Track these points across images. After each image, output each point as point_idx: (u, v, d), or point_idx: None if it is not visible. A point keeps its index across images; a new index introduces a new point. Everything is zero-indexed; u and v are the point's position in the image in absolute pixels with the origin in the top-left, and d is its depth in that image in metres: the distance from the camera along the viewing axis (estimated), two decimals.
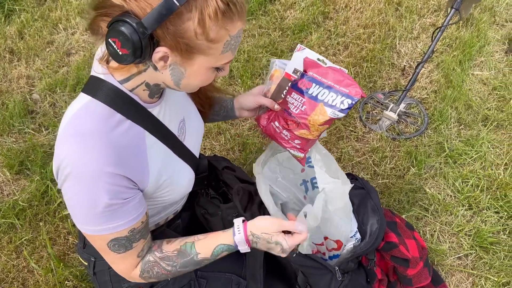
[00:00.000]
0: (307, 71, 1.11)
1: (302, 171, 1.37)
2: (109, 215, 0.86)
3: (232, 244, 1.00)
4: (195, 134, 1.13)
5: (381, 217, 1.29)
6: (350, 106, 1.07)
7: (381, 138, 1.97)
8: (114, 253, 0.94)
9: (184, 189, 1.06)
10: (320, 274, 1.27)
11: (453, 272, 1.58)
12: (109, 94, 0.85)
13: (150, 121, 0.93)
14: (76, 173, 0.82)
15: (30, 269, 1.53)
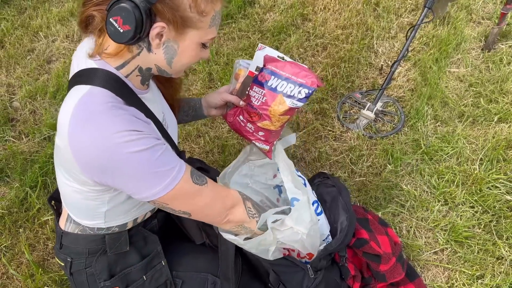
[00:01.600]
0: (266, 65, 1.16)
1: (274, 176, 1.39)
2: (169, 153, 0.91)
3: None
4: (173, 129, 1.18)
5: (350, 214, 1.31)
6: (308, 95, 1.12)
7: (358, 137, 1.99)
8: (205, 187, 0.98)
9: None
10: (291, 272, 1.29)
11: (429, 267, 1.61)
12: (107, 79, 0.88)
13: (143, 107, 0.96)
14: (112, 150, 0.83)
15: (10, 275, 1.54)
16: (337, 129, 2.04)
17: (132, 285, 1.21)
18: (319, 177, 1.46)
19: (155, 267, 1.23)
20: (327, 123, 2.06)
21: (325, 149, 1.95)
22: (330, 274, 1.37)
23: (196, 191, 0.96)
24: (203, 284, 1.31)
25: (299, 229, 1.09)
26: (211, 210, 1.03)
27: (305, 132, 2.01)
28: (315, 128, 2.03)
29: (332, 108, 2.13)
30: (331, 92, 2.19)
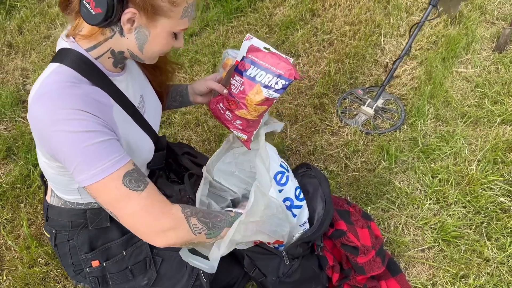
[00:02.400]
0: (247, 55, 1.19)
1: None
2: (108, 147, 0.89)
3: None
4: (153, 113, 1.21)
5: (327, 204, 1.33)
6: (285, 87, 1.14)
7: (355, 132, 2.00)
8: (137, 194, 0.90)
9: (143, 157, 1.13)
10: (267, 258, 1.31)
11: (414, 264, 1.60)
12: (75, 60, 0.93)
13: (112, 89, 1.00)
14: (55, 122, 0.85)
15: (8, 246, 1.63)
16: (335, 124, 2.05)
17: (112, 259, 1.26)
18: (302, 167, 1.48)
19: (135, 244, 1.28)
20: (325, 118, 2.07)
21: (321, 143, 1.97)
22: (308, 262, 1.39)
23: (123, 194, 0.88)
24: (182, 264, 1.35)
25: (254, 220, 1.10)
26: (140, 223, 0.91)
27: (302, 125, 2.03)
28: (312, 122, 2.05)
29: (332, 103, 2.14)
30: (333, 87, 2.20)
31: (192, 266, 1.35)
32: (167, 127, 2.05)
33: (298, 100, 2.14)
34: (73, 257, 1.28)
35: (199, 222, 1.00)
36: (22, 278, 1.54)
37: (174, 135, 2.01)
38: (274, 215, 1.19)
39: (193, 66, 2.32)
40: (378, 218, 1.72)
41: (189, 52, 2.38)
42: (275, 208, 1.21)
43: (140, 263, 1.30)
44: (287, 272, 1.33)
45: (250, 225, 1.12)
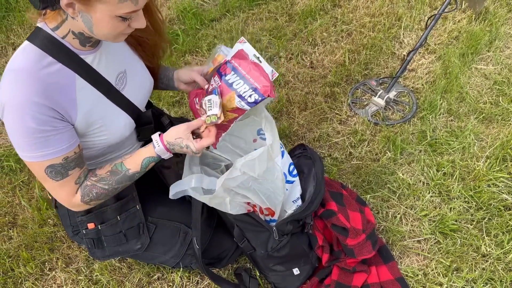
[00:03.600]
0: (231, 60, 1.20)
1: (254, 141, 1.46)
2: (43, 142, 1.01)
3: (155, 155, 1.16)
4: (138, 88, 1.26)
5: (318, 183, 1.35)
6: (257, 101, 1.14)
7: (364, 122, 2.00)
8: (52, 180, 1.09)
9: (119, 133, 1.19)
10: (256, 231, 1.36)
11: (408, 254, 1.60)
12: (43, 40, 1.00)
13: (81, 67, 1.06)
14: (8, 103, 0.97)
15: (22, 206, 1.75)
16: (344, 113, 2.06)
17: (107, 222, 1.34)
18: (299, 148, 1.51)
19: (130, 210, 1.35)
20: (335, 107, 2.09)
21: (327, 130, 1.98)
22: (298, 240, 1.43)
23: (41, 176, 1.08)
24: (176, 232, 1.42)
25: (250, 174, 1.14)
26: (55, 196, 1.17)
27: (311, 113, 2.05)
28: (322, 109, 2.07)
29: (344, 93, 2.15)
30: (346, 77, 2.21)
31: (185, 234, 1.41)
32: (180, 107, 2.11)
33: (310, 87, 2.16)
34: (71, 218, 1.37)
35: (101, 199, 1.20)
36: (32, 236, 1.64)
37: (186, 115, 2.08)
38: (272, 180, 1.23)
39: (210, 50, 2.37)
40: (377, 206, 1.72)
41: (208, 37, 2.44)
42: (275, 175, 1.24)
43: (133, 228, 1.38)
44: (275, 247, 1.37)
45: (245, 177, 1.16)
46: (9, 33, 2.54)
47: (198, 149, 1.14)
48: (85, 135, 1.13)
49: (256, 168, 1.19)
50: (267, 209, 1.32)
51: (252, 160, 1.18)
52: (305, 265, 1.46)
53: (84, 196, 1.16)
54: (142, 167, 1.17)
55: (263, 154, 1.19)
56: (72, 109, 1.05)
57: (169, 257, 1.45)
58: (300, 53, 2.33)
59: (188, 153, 1.17)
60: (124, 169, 1.17)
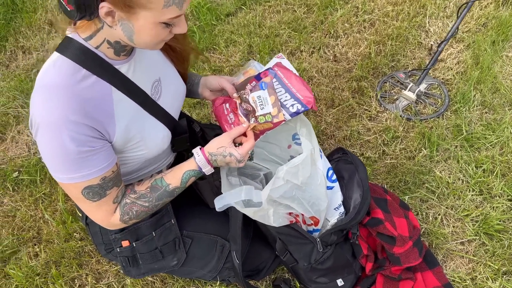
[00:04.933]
0: (273, 67, 1.18)
1: (289, 147, 1.38)
2: (80, 163, 0.94)
3: (196, 168, 1.10)
4: (173, 96, 1.18)
5: (364, 191, 1.28)
6: (298, 112, 1.12)
7: (395, 118, 1.92)
8: (90, 201, 1.02)
9: (158, 146, 1.11)
10: (300, 244, 1.29)
11: (452, 257, 1.53)
12: (75, 51, 0.92)
13: (116, 78, 0.98)
14: (43, 123, 0.90)
15: (45, 220, 1.68)
16: (374, 108, 1.97)
17: (142, 239, 1.27)
18: (338, 152, 1.43)
19: (165, 225, 1.28)
20: (363, 102, 2.00)
21: (358, 128, 1.90)
22: (342, 250, 1.36)
23: (78, 198, 1.01)
24: (212, 246, 1.35)
25: (293, 181, 1.09)
26: (92, 218, 1.10)
27: (339, 110, 1.97)
28: (350, 106, 1.98)
29: (372, 87, 2.06)
30: (373, 70, 2.11)
31: (222, 247, 1.35)
32: (201, 108, 2.03)
33: (335, 83, 2.07)
34: (104, 236, 1.30)
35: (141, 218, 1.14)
36: (58, 252, 1.57)
37: (208, 117, 2.00)
38: (315, 187, 1.18)
39: (228, 47, 2.28)
40: (416, 208, 1.65)
41: (225, 32, 2.34)
42: (319, 181, 1.19)
43: (169, 243, 1.31)
44: (319, 259, 1.30)
45: (289, 186, 1.11)
46: (18, 36, 2.44)
47: (242, 154, 1.10)
48: (123, 151, 1.05)
49: (299, 175, 1.14)
50: (312, 218, 1.25)
51: (295, 167, 1.13)
52: (349, 275, 1.39)
53: (124, 215, 1.09)
54: (182, 181, 1.11)
55: (306, 159, 1.14)
56: (110, 125, 0.98)
57: (206, 272, 1.38)
58: (322, 46, 2.23)
59: (231, 163, 1.11)
60: (164, 185, 1.10)
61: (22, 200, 1.74)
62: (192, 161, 1.11)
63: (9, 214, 1.71)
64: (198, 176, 1.12)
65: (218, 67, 2.19)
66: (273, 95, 1.12)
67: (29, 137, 1.97)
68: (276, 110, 1.10)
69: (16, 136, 1.98)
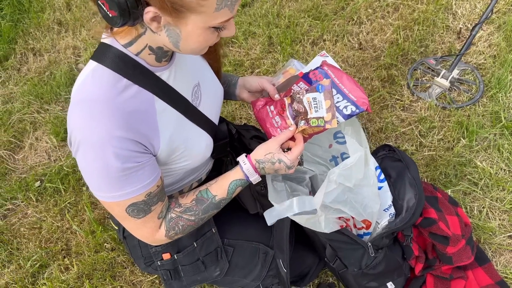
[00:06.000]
0: (323, 66, 1.10)
1: (330, 146, 1.30)
2: (124, 180, 0.87)
3: (243, 177, 1.03)
4: (212, 99, 1.10)
5: (419, 192, 1.20)
6: (352, 114, 1.05)
7: (430, 107, 1.83)
8: (134, 219, 0.95)
9: (201, 155, 1.04)
10: (350, 249, 1.22)
11: (501, 252, 1.47)
12: (114, 59, 0.84)
13: (158, 86, 0.91)
14: (85, 140, 0.82)
15: (73, 231, 1.61)
16: (406, 98, 1.88)
17: (183, 251, 1.21)
18: (383, 149, 1.35)
19: (206, 235, 1.22)
20: (395, 91, 1.91)
21: (391, 119, 1.82)
22: (392, 253, 1.29)
23: (122, 216, 0.94)
24: (255, 253, 1.29)
25: (346, 184, 1.03)
26: (137, 235, 1.02)
27: (370, 101, 1.88)
28: (381, 96, 1.89)
29: (402, 75, 1.97)
30: (402, 57, 2.02)
31: (265, 255, 1.29)
32: (224, 106, 1.95)
33: (363, 72, 1.98)
34: (143, 249, 1.24)
35: (187, 232, 1.06)
36: (90, 264, 1.51)
37: (232, 114, 1.92)
38: (368, 188, 1.12)
39: (247, 39, 2.19)
40: (459, 201, 1.58)
41: (243, 24, 2.24)
42: (372, 181, 1.13)
43: (211, 253, 1.24)
44: (370, 264, 1.23)
45: (341, 189, 1.05)
46: (27, 38, 2.35)
47: (292, 160, 1.02)
48: (167, 163, 0.98)
49: (352, 177, 1.08)
50: (364, 221, 1.18)
51: (348, 168, 1.06)
52: (399, 278, 1.32)
53: (170, 230, 1.02)
54: (229, 192, 1.04)
55: (359, 160, 1.08)
56: (154, 138, 0.90)
57: (249, 281, 1.31)
58: (346, 34, 2.14)
59: (280, 170, 1.03)
60: (210, 196, 1.03)
61: (47, 210, 1.67)
62: (238, 170, 1.04)
63: (35, 226, 1.64)
64: (245, 185, 1.05)
65: (238, 61, 2.10)
66: (329, 99, 1.04)
67: (48, 144, 1.89)
68: (330, 116, 1.02)
69: (34, 144, 1.90)
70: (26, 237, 1.62)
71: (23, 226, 1.64)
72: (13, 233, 1.63)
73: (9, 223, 1.66)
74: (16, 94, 2.09)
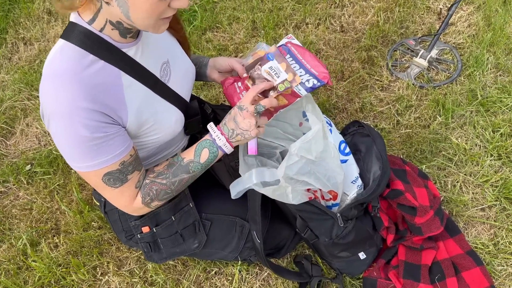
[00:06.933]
0: (287, 44, 1.16)
1: (300, 125, 1.35)
2: (96, 150, 0.92)
3: (209, 138, 1.08)
4: (182, 77, 1.15)
5: (384, 163, 1.26)
6: (314, 87, 1.10)
7: (408, 87, 1.87)
8: (111, 188, 1.01)
9: (171, 129, 1.09)
10: (320, 219, 1.27)
11: (473, 224, 1.52)
12: (80, 36, 0.89)
13: (125, 61, 0.96)
14: (55, 112, 0.88)
15: (62, 211, 1.68)
16: (385, 78, 1.93)
17: (161, 224, 1.26)
18: (353, 125, 1.40)
19: (183, 209, 1.27)
20: (374, 72, 1.95)
21: (370, 99, 1.86)
22: (362, 224, 1.34)
23: (99, 185, 1.00)
24: (232, 227, 1.34)
25: (307, 157, 1.07)
26: (114, 204, 1.09)
27: (349, 82, 1.92)
28: (360, 77, 1.94)
29: (382, 56, 2.01)
30: (382, 39, 2.06)
31: (242, 228, 1.34)
32: (209, 89, 2.00)
33: (344, 54, 2.02)
34: (123, 223, 1.29)
35: (162, 199, 1.11)
36: (78, 241, 1.58)
37: (216, 97, 1.97)
38: (330, 160, 1.16)
39: (231, 24, 2.23)
40: (434, 176, 1.63)
41: (227, 10, 2.29)
42: (332, 153, 1.17)
43: (189, 227, 1.30)
44: (340, 234, 1.29)
45: (303, 161, 1.09)
46: (17, 27, 2.40)
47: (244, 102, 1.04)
48: (137, 136, 1.03)
49: (312, 150, 1.12)
50: (330, 192, 1.23)
51: (307, 142, 1.11)
52: (371, 248, 1.38)
53: (145, 196, 1.08)
54: (196, 153, 1.08)
55: (318, 133, 1.12)
56: (122, 110, 0.96)
57: (227, 252, 1.37)
58: (328, 17, 2.18)
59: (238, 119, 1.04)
60: (179, 160, 1.09)
61: (37, 192, 1.74)
62: (207, 136, 1.09)
63: (26, 208, 1.71)
64: (211, 147, 1.08)
65: (222, 46, 2.14)
66: (283, 62, 1.10)
67: (38, 129, 1.95)
68: (291, 75, 1.08)
69: (25, 129, 1.97)
70: (17, 217, 1.69)
71: (14, 208, 1.71)
72: (5, 214, 1.70)
73: (1, 205, 1.73)
74: (8, 82, 2.15)
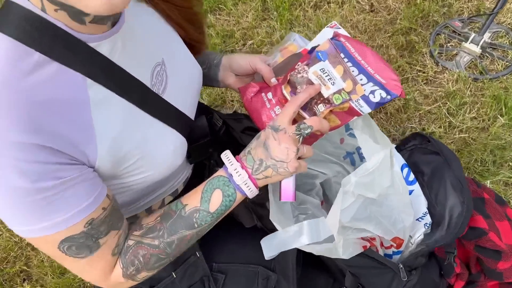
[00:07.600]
0: (339, 38, 0.79)
1: (342, 141, 1.00)
2: (45, 206, 0.58)
3: (223, 175, 0.72)
4: (185, 84, 0.79)
5: (467, 199, 0.92)
6: (382, 103, 0.75)
7: (459, 79, 1.53)
8: (74, 259, 0.66)
9: (167, 163, 0.73)
10: (377, 274, 0.94)
11: None
12: (20, 23, 0.54)
13: (94, 63, 0.59)
14: None
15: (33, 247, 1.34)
16: (430, 68, 1.58)
17: (159, 284, 0.92)
18: (414, 139, 1.06)
19: (188, 260, 0.93)
20: (416, 61, 1.60)
21: (413, 95, 1.52)
22: (428, 272, 1.02)
23: (57, 256, 0.66)
24: (253, 279, 1.00)
25: (368, 196, 0.76)
26: (85, 279, 0.74)
27: None
28: (400, 67, 1.59)
29: (423, 41, 1.65)
30: (421, 19, 1.71)
31: (266, 280, 1.02)
32: (213, 88, 1.64)
33: (377, 39, 1.67)
34: None
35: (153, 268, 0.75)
36: None
37: (222, 96, 1.61)
38: (397, 197, 0.85)
39: (237, 5, 1.86)
40: (500, 195, 1.30)
41: None
42: (400, 186, 0.85)
43: (196, 284, 0.96)
44: None
45: (360, 202, 0.78)
46: None
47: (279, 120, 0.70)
48: (116, 176, 0.68)
49: (376, 186, 0.80)
50: (394, 239, 0.90)
51: (368, 175, 0.77)
52: None
53: (128, 266, 0.72)
54: (203, 198, 0.72)
55: (383, 162, 0.79)
56: (87, 141, 0.60)
57: None
58: None
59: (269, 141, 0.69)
60: (179, 207, 0.73)
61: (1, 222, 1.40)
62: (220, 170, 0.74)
63: None
64: (226, 188, 0.72)
65: (227, 31, 1.78)
66: (340, 64, 0.75)
67: None
68: (351, 84, 0.73)
69: None
70: None
71: None
72: None
73: None
74: None
